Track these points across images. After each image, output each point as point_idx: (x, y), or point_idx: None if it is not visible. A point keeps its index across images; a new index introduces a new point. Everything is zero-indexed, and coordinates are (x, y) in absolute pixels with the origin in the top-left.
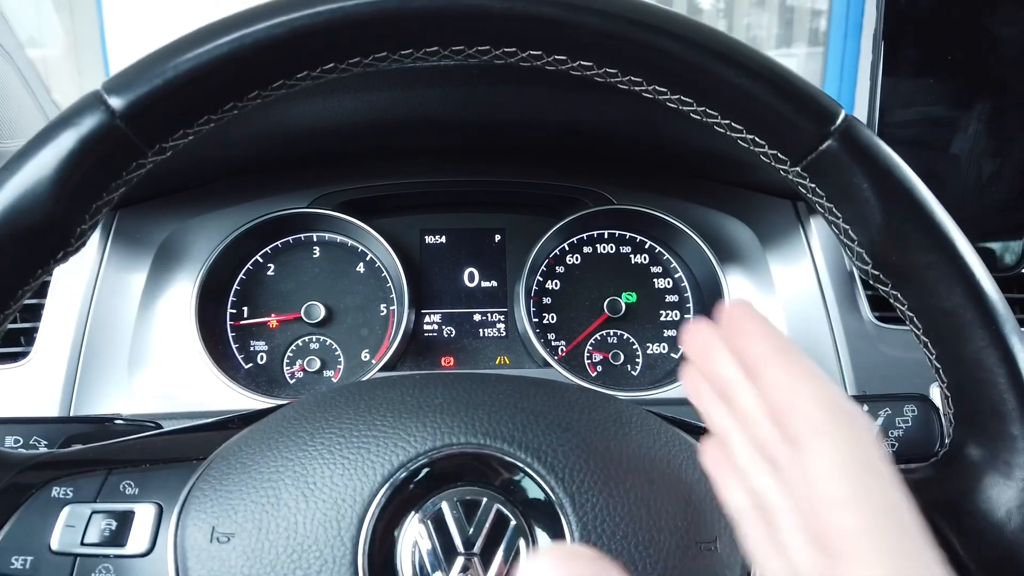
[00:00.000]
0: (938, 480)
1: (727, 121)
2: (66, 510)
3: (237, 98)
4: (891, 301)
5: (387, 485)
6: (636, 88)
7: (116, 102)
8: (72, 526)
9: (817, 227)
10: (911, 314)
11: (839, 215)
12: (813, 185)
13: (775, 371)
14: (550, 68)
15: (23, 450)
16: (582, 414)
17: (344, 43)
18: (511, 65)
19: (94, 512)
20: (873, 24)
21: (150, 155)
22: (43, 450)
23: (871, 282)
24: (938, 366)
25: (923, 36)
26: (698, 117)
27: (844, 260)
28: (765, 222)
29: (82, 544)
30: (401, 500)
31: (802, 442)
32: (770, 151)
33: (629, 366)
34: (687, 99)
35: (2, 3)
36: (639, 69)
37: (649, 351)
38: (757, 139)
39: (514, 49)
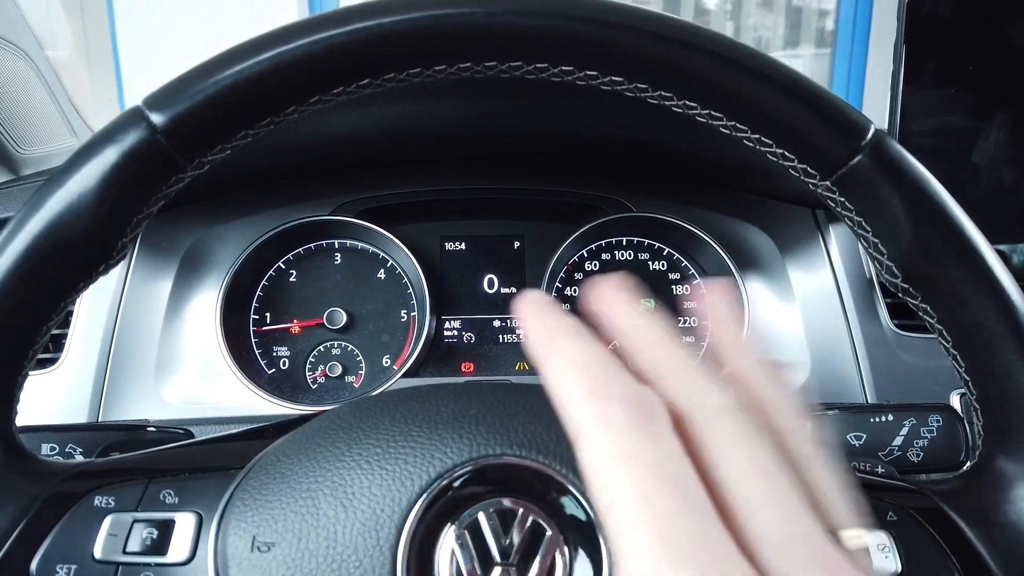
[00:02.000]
0: (967, 491)
1: (757, 135)
2: (108, 519)
3: (274, 114)
4: (920, 314)
5: (425, 495)
6: (666, 103)
7: (157, 118)
8: (115, 535)
9: (836, 235)
10: (940, 327)
11: (868, 229)
12: (843, 199)
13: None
14: (580, 83)
15: (59, 458)
16: None
17: (380, 59)
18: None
19: (135, 521)
20: (882, 26)
21: (189, 169)
22: (79, 458)
23: (900, 295)
24: (967, 378)
25: (944, 45)
26: (728, 131)
27: (864, 268)
28: (784, 230)
29: (124, 552)
30: (439, 510)
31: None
32: (799, 165)
33: None
34: (717, 114)
35: (22, 5)
36: (670, 85)
37: None
38: (787, 153)
39: (546, 65)
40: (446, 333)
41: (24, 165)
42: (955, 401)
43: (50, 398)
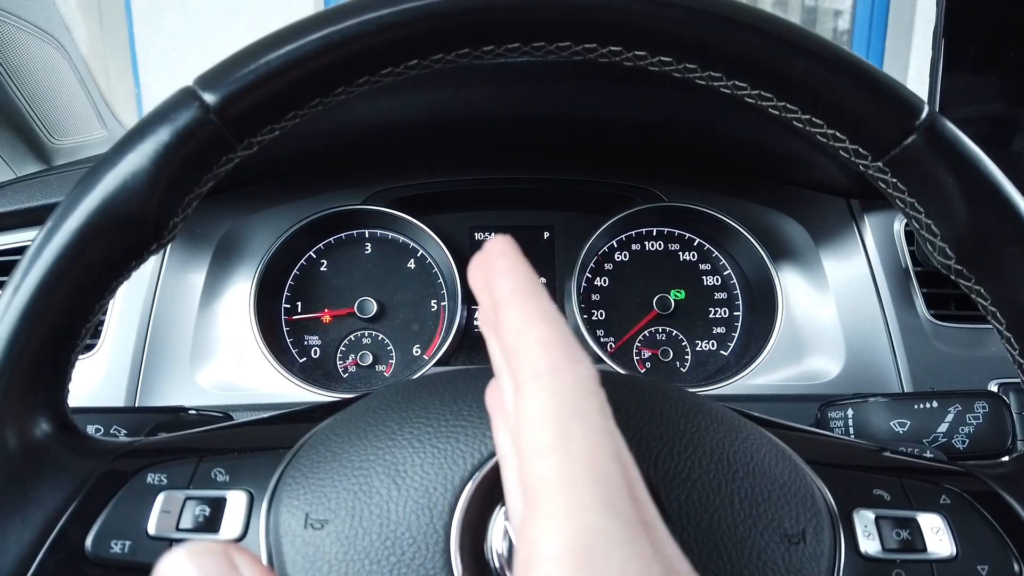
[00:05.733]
0: (1021, 475)
1: (807, 116)
2: (161, 496)
3: (323, 94)
4: (973, 297)
5: (478, 474)
6: (715, 84)
7: (210, 98)
8: (168, 512)
9: (872, 225)
10: (994, 309)
11: (921, 210)
12: (895, 180)
13: (509, 311)
14: (628, 64)
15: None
16: (664, 406)
17: (428, 39)
18: (572, 62)
19: (188, 498)
20: (898, 24)
21: (239, 149)
22: (125, 438)
23: (952, 277)
24: (1021, 361)
25: (984, 31)
26: (777, 112)
27: (899, 258)
28: (818, 220)
29: (177, 529)
30: (491, 489)
31: (520, 385)
32: (851, 146)
33: (678, 363)
34: (767, 94)
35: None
36: (719, 65)
37: (698, 348)
38: (838, 134)
39: (594, 45)
40: (476, 323)
41: (56, 155)
42: (992, 388)
43: (88, 383)
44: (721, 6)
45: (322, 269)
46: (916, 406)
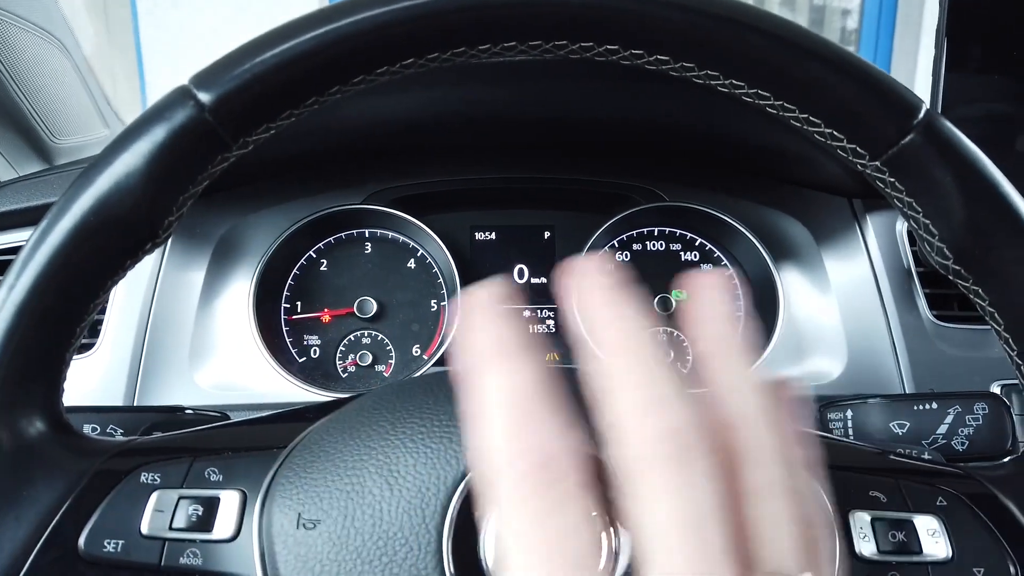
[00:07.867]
0: (1019, 476)
1: (805, 115)
2: (155, 495)
3: (318, 93)
4: (971, 297)
5: (470, 475)
6: (712, 83)
7: (205, 96)
8: (161, 511)
9: (874, 225)
10: (992, 310)
11: (919, 210)
12: (893, 180)
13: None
14: (625, 63)
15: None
16: None
17: (424, 38)
18: (571, 60)
19: (181, 498)
20: (907, 23)
21: (235, 149)
22: (120, 437)
23: (950, 277)
24: (1019, 363)
25: (987, 30)
26: (774, 111)
27: (902, 258)
28: (820, 220)
29: (170, 529)
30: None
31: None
32: (848, 145)
33: (679, 363)
34: (765, 93)
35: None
36: (717, 64)
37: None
38: (835, 133)
39: (591, 44)
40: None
41: (58, 155)
42: (995, 390)
43: (86, 383)
44: (719, 6)
45: (322, 269)
46: (915, 407)
